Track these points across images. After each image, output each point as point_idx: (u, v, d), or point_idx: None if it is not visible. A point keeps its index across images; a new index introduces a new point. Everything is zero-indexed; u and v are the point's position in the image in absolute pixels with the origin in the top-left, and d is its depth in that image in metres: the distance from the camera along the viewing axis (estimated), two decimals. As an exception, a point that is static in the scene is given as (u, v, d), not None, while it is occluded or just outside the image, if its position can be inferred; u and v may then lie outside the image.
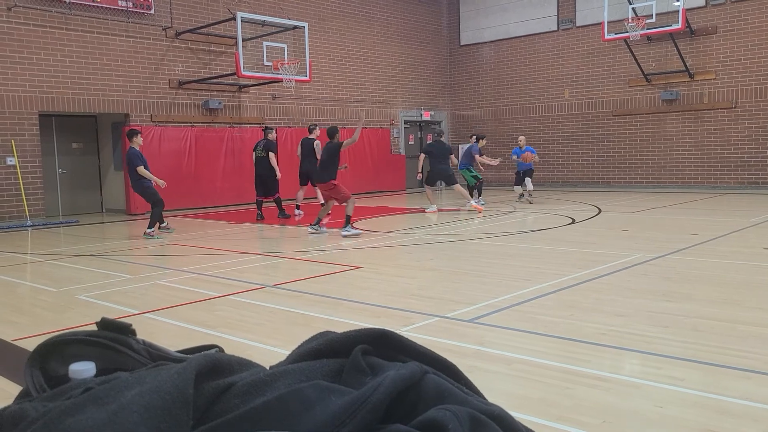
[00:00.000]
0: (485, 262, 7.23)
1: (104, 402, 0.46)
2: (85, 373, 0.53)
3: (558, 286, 5.81)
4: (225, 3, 15.91)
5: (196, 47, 15.56)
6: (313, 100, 18.06)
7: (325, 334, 0.59)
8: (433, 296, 5.61)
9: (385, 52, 19.96)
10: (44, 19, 13.11)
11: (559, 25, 19.46)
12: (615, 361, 3.86)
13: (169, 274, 7.05)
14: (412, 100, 20.93)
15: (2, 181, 12.67)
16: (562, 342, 4.16)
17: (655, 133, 17.98)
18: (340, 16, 18.70)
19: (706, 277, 6.14)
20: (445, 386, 0.52)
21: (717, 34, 16.81)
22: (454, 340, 4.28)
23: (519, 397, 3.27)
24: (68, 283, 6.66)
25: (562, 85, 19.54)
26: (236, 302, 5.60)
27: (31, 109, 13.03)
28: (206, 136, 15.55)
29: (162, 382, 0.47)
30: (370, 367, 0.53)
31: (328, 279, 6.53)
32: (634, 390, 3.33)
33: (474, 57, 21.48)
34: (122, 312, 5.29)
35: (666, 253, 7.38)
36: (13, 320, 5.26)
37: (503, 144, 20.93)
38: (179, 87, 15.24)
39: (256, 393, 0.50)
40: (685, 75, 17.14)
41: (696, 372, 3.56)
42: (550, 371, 3.62)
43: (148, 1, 14.46)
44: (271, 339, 4.47)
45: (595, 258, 7.25)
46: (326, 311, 5.19)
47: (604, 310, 4.94)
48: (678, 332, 4.31)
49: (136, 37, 14.49)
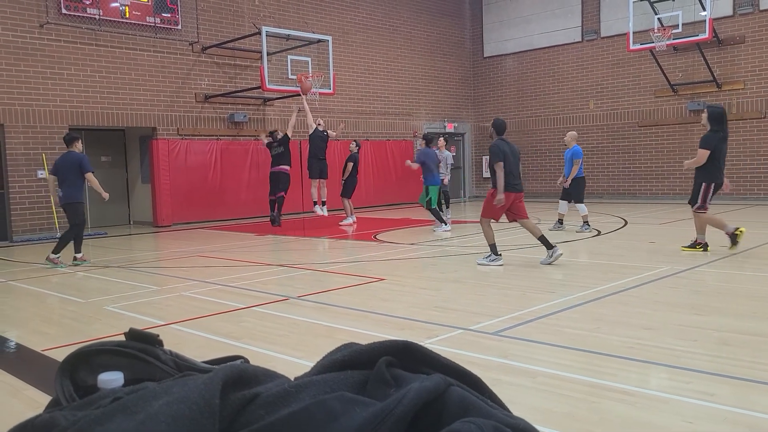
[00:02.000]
0: (509, 274, 7.18)
1: (132, 411, 0.47)
2: (113, 382, 0.54)
3: (583, 298, 5.74)
4: (250, 18, 16.12)
5: (221, 61, 15.77)
6: (337, 113, 18.16)
7: (349, 346, 0.59)
8: (457, 308, 5.58)
9: (408, 65, 20.03)
10: (75, 36, 13.40)
11: (584, 36, 19.36)
12: (642, 375, 3.79)
13: (194, 285, 7.11)
14: (435, 112, 20.95)
15: (33, 193, 12.93)
16: (588, 355, 4.11)
17: (682, 144, 17.75)
18: (364, 29, 18.82)
19: (735, 290, 6.03)
20: (469, 399, 0.52)
21: (745, 44, 16.59)
22: (478, 352, 4.24)
23: (544, 410, 3.23)
24: (96, 294, 6.76)
25: (587, 96, 19.41)
26: (261, 314, 5.62)
27: (62, 123, 13.29)
28: (231, 149, 15.71)
29: (189, 392, 0.48)
30: (395, 379, 0.53)
31: (352, 291, 6.53)
32: (662, 405, 3.27)
33: (497, 69, 21.45)
34: (149, 323, 5.34)
35: (694, 266, 7.26)
36: (43, 331, 5.35)
37: (527, 155, 20.81)
38: (205, 101, 15.45)
39: (282, 404, 0.50)
40: (712, 85, 16.92)
41: (726, 387, 3.49)
42: (576, 385, 3.57)
43: (175, 16, 14.71)
44: (295, 350, 4.48)
45: (622, 270, 7.16)
46: (350, 323, 5.19)
47: (631, 323, 4.87)
48: (707, 346, 4.22)
49: (163, 52, 14.73)
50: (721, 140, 7.90)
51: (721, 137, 7.91)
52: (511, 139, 21.85)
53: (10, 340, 5.11)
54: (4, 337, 5.21)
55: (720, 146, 7.90)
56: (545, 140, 20.42)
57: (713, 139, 7.86)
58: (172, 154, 14.70)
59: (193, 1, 15.07)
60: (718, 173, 7.99)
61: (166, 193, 14.61)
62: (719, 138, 7.89)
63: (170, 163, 14.68)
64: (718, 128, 7.89)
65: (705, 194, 7.99)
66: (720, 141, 7.90)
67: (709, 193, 7.98)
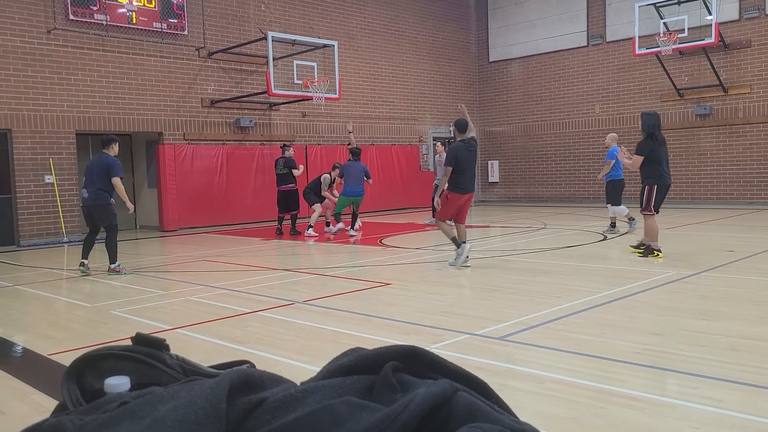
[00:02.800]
0: (515, 279, 7.16)
1: (139, 416, 0.47)
2: (120, 387, 0.54)
3: (590, 303, 5.72)
4: (256, 23, 16.18)
5: (228, 66, 15.83)
6: (343, 118, 18.19)
7: (355, 351, 0.59)
8: (463, 313, 5.57)
9: (414, 69, 20.06)
10: (82, 41, 13.47)
11: (589, 41, 19.35)
12: (649, 381, 3.77)
13: (200, 290, 7.12)
14: (440, 117, 20.96)
15: (40, 198, 12.98)
16: (595, 360, 4.09)
17: (688, 149, 17.70)
18: (370, 34, 18.86)
19: (743, 295, 6.00)
20: (476, 404, 0.52)
21: (751, 48, 16.55)
22: (485, 357, 4.23)
23: (550, 416, 3.22)
24: (102, 299, 6.78)
25: (593, 100, 19.39)
26: (266, 318, 5.63)
27: (69, 129, 13.35)
28: (237, 154, 15.75)
29: (195, 396, 0.48)
30: (401, 384, 0.53)
31: (358, 295, 6.53)
32: (669, 411, 3.25)
33: (503, 73, 21.46)
34: (154, 327, 5.35)
35: (702, 271, 7.23)
36: (50, 335, 5.36)
37: (533, 160, 20.80)
38: (211, 106, 15.50)
39: (288, 409, 0.50)
40: (718, 89, 16.87)
41: (734, 393, 3.47)
42: (583, 390, 3.56)
43: (182, 22, 14.78)
44: (301, 355, 4.48)
45: (628, 275, 7.13)
46: (355, 328, 5.19)
47: (638, 328, 4.85)
48: (715, 352, 4.20)
49: (170, 57, 14.80)
50: (657, 144, 8.17)
51: (659, 142, 8.20)
52: (517, 143, 21.95)
53: (17, 345, 5.13)
54: (11, 341, 5.23)
55: (657, 150, 8.16)
56: (551, 144, 20.40)
57: (646, 145, 8.15)
58: (178, 159, 14.75)
59: (199, 7, 15.14)
60: (661, 176, 8.23)
61: (172, 198, 14.65)
62: (653, 143, 8.15)
63: (176, 168, 14.72)
64: (651, 134, 8.18)
65: (649, 196, 8.23)
66: (657, 145, 8.16)
67: (653, 195, 8.21)
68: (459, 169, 7.74)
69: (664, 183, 8.31)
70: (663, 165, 8.25)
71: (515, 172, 21.39)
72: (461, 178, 7.78)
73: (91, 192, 8.43)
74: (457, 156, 7.73)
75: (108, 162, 8.48)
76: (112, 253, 8.44)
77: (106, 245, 8.46)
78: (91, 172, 8.48)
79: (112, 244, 8.45)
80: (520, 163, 21.24)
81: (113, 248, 8.45)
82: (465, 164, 7.76)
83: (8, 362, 4.78)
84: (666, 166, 8.32)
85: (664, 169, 8.28)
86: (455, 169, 7.73)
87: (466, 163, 7.77)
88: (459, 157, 7.73)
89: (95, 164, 8.56)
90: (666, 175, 8.30)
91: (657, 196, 8.26)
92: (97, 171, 8.44)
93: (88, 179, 8.51)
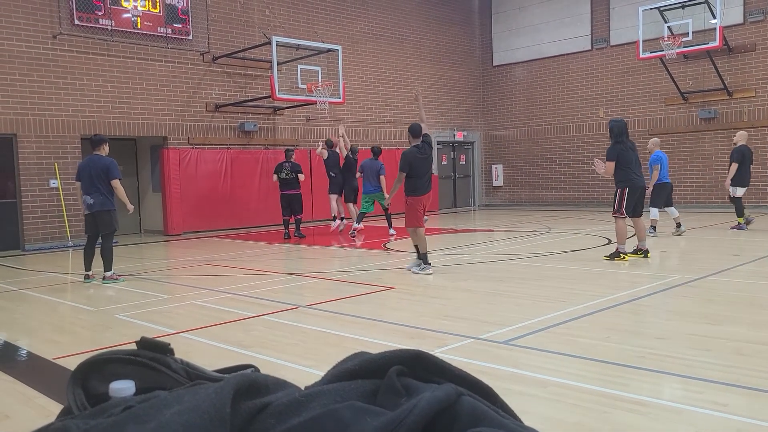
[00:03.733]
0: (520, 283, 7.15)
1: (144, 420, 0.47)
2: (125, 391, 0.54)
3: (594, 307, 5.71)
4: (260, 28, 16.22)
5: (232, 71, 15.87)
6: (347, 122, 18.21)
7: (359, 355, 0.59)
8: (467, 317, 5.56)
9: (417, 74, 20.07)
10: (87, 46, 13.53)
11: (593, 45, 19.35)
12: (654, 385, 3.76)
13: (204, 294, 7.13)
14: (445, 121, 20.97)
15: (45, 202, 13.03)
16: (599, 365, 4.08)
17: (693, 152, 17.66)
18: (373, 38, 18.90)
19: (749, 299, 5.97)
20: (481, 409, 0.51)
21: (756, 51, 16.52)
22: (489, 362, 4.22)
23: (555, 421, 3.21)
24: (107, 303, 6.79)
25: (597, 104, 19.37)
26: (270, 322, 5.63)
27: (74, 133, 13.40)
28: (242, 158, 15.78)
29: (200, 401, 0.48)
30: (405, 388, 0.53)
31: (362, 299, 6.52)
32: (674, 415, 3.24)
33: (507, 77, 21.46)
34: (159, 331, 5.36)
35: (707, 275, 7.21)
36: (55, 339, 5.37)
37: (537, 164, 20.79)
38: (216, 110, 15.54)
39: (292, 413, 0.50)
40: (723, 93, 16.84)
41: (740, 397, 3.45)
42: (587, 395, 3.55)
43: (186, 27, 14.83)
44: (305, 359, 4.47)
45: (633, 279, 7.11)
46: (359, 332, 5.18)
47: (642, 332, 4.83)
48: (720, 356, 4.18)
49: (174, 62, 14.84)
50: (626, 149, 8.46)
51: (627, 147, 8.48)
52: (521, 147, 21.93)
53: (22, 349, 5.14)
54: (16, 345, 5.24)
55: (625, 155, 8.45)
56: (555, 149, 20.38)
57: (614, 150, 8.47)
58: (182, 163, 14.79)
59: (204, 12, 15.20)
60: (631, 179, 8.48)
61: (176, 202, 14.68)
62: (621, 148, 8.44)
63: (181, 172, 14.75)
64: (619, 140, 8.47)
65: (620, 199, 8.50)
66: (625, 150, 8.45)
67: (624, 198, 8.47)
68: (414, 174, 7.87)
69: (636, 185, 8.54)
70: (633, 168, 8.52)
71: (519, 176, 21.37)
72: (417, 183, 7.91)
73: (96, 198, 8.07)
74: (410, 161, 7.89)
75: (104, 163, 8.03)
76: (108, 260, 8.17)
77: (102, 252, 8.17)
78: (90, 177, 8.03)
79: (108, 251, 8.20)
80: (524, 167, 21.22)
81: (109, 255, 8.19)
82: (419, 169, 7.89)
83: (13, 366, 4.79)
84: (636, 169, 8.58)
85: (635, 172, 8.53)
86: (410, 174, 7.88)
87: (421, 168, 7.91)
88: (413, 163, 7.88)
89: (91, 167, 8.04)
90: (636, 178, 8.54)
91: (629, 198, 8.50)
92: (95, 174, 8.00)
93: (87, 184, 8.07)
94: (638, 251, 8.66)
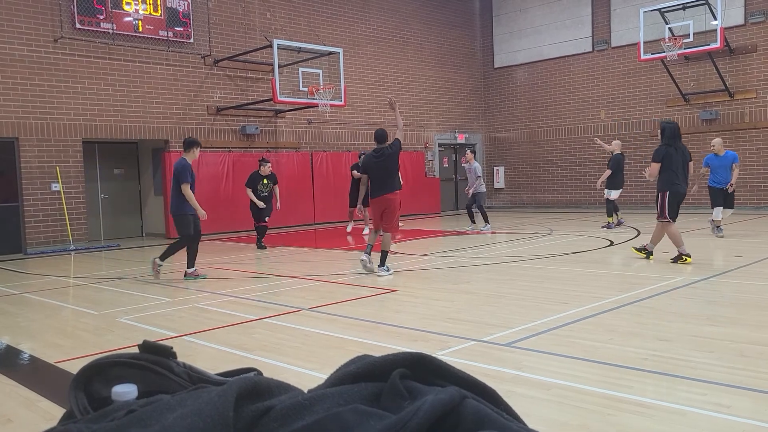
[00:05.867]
0: (522, 285, 7.14)
1: (147, 424, 0.47)
2: (127, 395, 0.54)
3: (597, 309, 5.70)
4: (262, 31, 16.24)
5: (233, 74, 15.89)
6: (348, 125, 18.24)
7: (363, 358, 0.59)
8: (470, 320, 5.55)
9: (419, 76, 20.09)
10: (88, 50, 13.55)
11: (594, 46, 19.35)
12: (658, 387, 3.75)
13: (206, 297, 7.13)
14: (446, 123, 20.97)
15: (47, 206, 13.04)
16: (603, 367, 4.07)
17: (694, 153, 17.57)
18: (375, 41, 18.91)
19: (752, 300, 5.96)
20: (484, 411, 0.51)
21: (757, 53, 16.51)
22: (492, 364, 4.22)
23: (558, 423, 3.20)
24: (109, 306, 6.79)
25: (598, 106, 19.37)
26: (272, 325, 5.62)
27: (75, 137, 13.42)
28: (243, 161, 15.78)
29: (203, 404, 0.48)
30: (409, 391, 0.53)
31: (364, 302, 6.52)
32: (678, 417, 3.23)
33: (508, 79, 21.47)
34: (161, 335, 5.36)
35: (709, 276, 7.20)
36: (57, 343, 5.37)
37: (538, 166, 20.78)
38: (217, 113, 15.56)
39: (295, 416, 0.50)
40: (724, 94, 16.83)
41: (744, 399, 3.44)
42: (590, 397, 3.54)
43: (187, 30, 14.86)
44: (307, 362, 4.47)
45: (635, 281, 7.10)
46: (362, 335, 5.18)
47: (645, 334, 4.82)
48: (724, 357, 4.17)
49: (176, 65, 14.87)
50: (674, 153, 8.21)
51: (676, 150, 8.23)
52: (522, 149, 21.90)
53: (24, 352, 5.14)
54: (18, 349, 5.24)
55: (672, 158, 8.19)
56: (556, 150, 20.38)
57: (661, 152, 8.25)
58: (184, 167, 14.77)
59: (205, 15, 15.22)
60: (674, 183, 8.21)
61: (178, 205, 14.66)
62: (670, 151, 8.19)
63: (183, 176, 14.74)
64: (669, 142, 8.24)
65: (662, 204, 8.28)
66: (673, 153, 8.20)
67: (666, 202, 8.23)
68: (371, 177, 8.32)
69: (677, 191, 8.25)
70: (678, 173, 8.22)
71: (521, 178, 21.36)
72: (372, 186, 8.31)
73: (171, 199, 8.35)
74: (365, 165, 8.41)
75: (175, 167, 8.27)
76: (167, 252, 8.44)
77: (169, 245, 8.52)
78: (173, 178, 8.31)
79: (172, 247, 8.45)
80: (525, 169, 21.21)
81: (171, 250, 8.45)
82: (373, 173, 8.26)
83: (15, 370, 4.79)
84: (682, 174, 8.26)
85: (679, 177, 8.23)
86: (369, 177, 8.34)
87: (374, 171, 8.23)
88: (367, 166, 8.33)
89: (173, 169, 8.31)
90: (678, 184, 8.23)
91: (671, 203, 8.22)
92: (173, 176, 8.27)
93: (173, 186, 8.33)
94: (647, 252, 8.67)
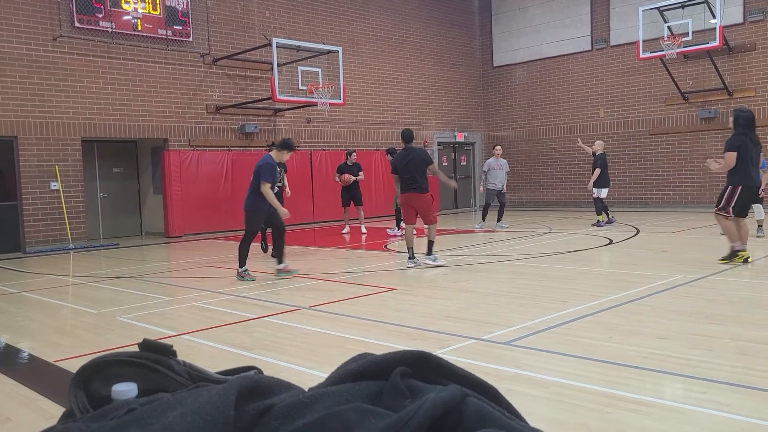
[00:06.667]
0: (522, 284, 7.15)
1: (147, 423, 0.46)
2: (127, 393, 0.54)
3: (596, 307, 5.70)
4: (261, 29, 16.23)
5: (232, 73, 15.87)
6: (348, 123, 18.23)
7: (363, 356, 0.59)
8: (470, 318, 5.55)
9: (418, 75, 20.08)
10: (87, 48, 13.54)
11: (593, 45, 19.35)
12: (657, 386, 3.75)
13: (206, 295, 7.12)
14: (445, 122, 20.97)
15: (46, 205, 13.03)
16: (602, 365, 4.07)
17: (693, 152, 17.65)
18: (374, 39, 18.90)
19: (751, 298, 5.97)
20: (486, 410, 0.51)
21: (756, 51, 16.51)
22: (491, 362, 4.22)
23: (558, 421, 3.20)
24: (108, 305, 6.79)
25: (597, 104, 19.37)
26: (272, 324, 5.62)
27: (74, 135, 13.40)
28: (242, 160, 15.77)
29: (203, 403, 0.47)
30: (410, 389, 0.53)
31: (364, 301, 6.52)
32: (677, 415, 3.23)
33: (507, 78, 21.46)
34: (160, 333, 5.36)
35: (708, 274, 7.20)
36: (56, 341, 5.37)
37: (538, 164, 20.78)
38: (216, 112, 15.54)
39: (296, 415, 0.50)
40: (723, 93, 16.83)
41: (743, 397, 3.45)
42: (590, 395, 3.54)
43: (186, 29, 14.84)
44: (307, 361, 4.47)
45: (635, 279, 7.11)
46: (362, 333, 5.18)
47: (645, 332, 4.82)
48: (723, 355, 4.18)
49: (175, 64, 14.85)
50: (750, 143, 7.63)
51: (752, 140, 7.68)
52: (521, 147, 21.89)
53: (23, 351, 5.14)
54: (17, 347, 5.24)
55: (748, 149, 7.59)
56: (555, 149, 20.38)
57: (736, 141, 7.63)
58: (183, 165, 14.78)
59: (204, 14, 15.20)
60: (750, 176, 7.68)
61: (177, 204, 14.67)
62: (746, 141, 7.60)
63: (182, 174, 14.75)
64: (744, 131, 7.64)
65: (730, 197, 7.76)
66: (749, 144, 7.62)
67: (735, 196, 7.70)
68: (401, 175, 8.61)
69: (751, 184, 7.71)
70: (752, 165, 7.67)
71: (520, 176, 21.35)
72: (403, 182, 8.63)
73: (247, 195, 8.23)
74: (395, 163, 8.78)
75: (259, 164, 8.11)
76: (240, 256, 8.14)
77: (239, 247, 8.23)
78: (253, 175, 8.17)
79: (241, 249, 8.17)
80: (524, 168, 21.21)
81: (241, 252, 8.14)
82: (403, 170, 8.57)
83: (15, 369, 4.79)
84: (755, 167, 7.73)
85: (753, 170, 7.71)
86: (399, 174, 8.63)
87: (404, 169, 8.54)
88: (397, 165, 8.68)
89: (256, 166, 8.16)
90: (753, 177, 7.72)
91: (740, 197, 7.71)
92: (255, 172, 8.12)
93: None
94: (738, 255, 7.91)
